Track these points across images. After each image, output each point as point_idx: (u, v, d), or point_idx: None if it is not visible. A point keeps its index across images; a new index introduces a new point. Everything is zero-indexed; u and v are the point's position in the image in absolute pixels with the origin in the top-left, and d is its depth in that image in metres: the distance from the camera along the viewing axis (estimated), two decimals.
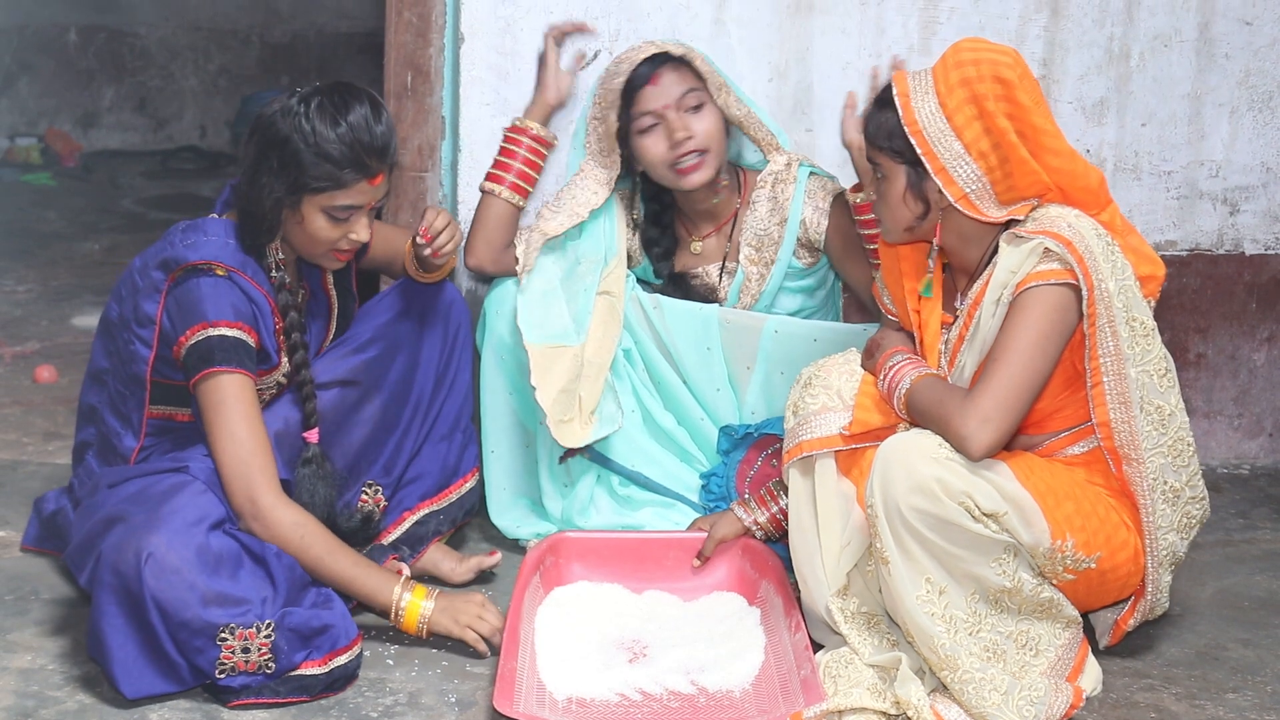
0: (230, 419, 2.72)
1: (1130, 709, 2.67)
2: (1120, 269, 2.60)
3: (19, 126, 7.59)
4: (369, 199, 2.81)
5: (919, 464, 2.48)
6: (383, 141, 2.78)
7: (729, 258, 3.28)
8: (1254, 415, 3.90)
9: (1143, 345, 2.61)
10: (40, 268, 5.50)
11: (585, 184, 3.24)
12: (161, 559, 2.51)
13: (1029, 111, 2.61)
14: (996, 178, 2.61)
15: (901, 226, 2.71)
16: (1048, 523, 2.54)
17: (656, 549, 3.07)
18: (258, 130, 2.79)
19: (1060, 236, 2.57)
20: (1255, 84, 3.73)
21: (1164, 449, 2.64)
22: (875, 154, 2.70)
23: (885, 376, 2.70)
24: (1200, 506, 2.73)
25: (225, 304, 2.75)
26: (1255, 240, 3.82)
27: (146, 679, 2.54)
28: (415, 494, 3.13)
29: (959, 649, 2.52)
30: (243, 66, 7.98)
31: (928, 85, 2.63)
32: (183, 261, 2.77)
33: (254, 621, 2.55)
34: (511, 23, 3.46)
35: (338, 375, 3.01)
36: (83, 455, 2.98)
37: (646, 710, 2.61)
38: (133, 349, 2.83)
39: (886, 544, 2.52)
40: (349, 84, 2.82)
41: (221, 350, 2.73)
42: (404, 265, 3.10)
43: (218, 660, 2.54)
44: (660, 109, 3.12)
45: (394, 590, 2.74)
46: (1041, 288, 2.57)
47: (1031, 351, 2.55)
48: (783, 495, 3.00)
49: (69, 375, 4.21)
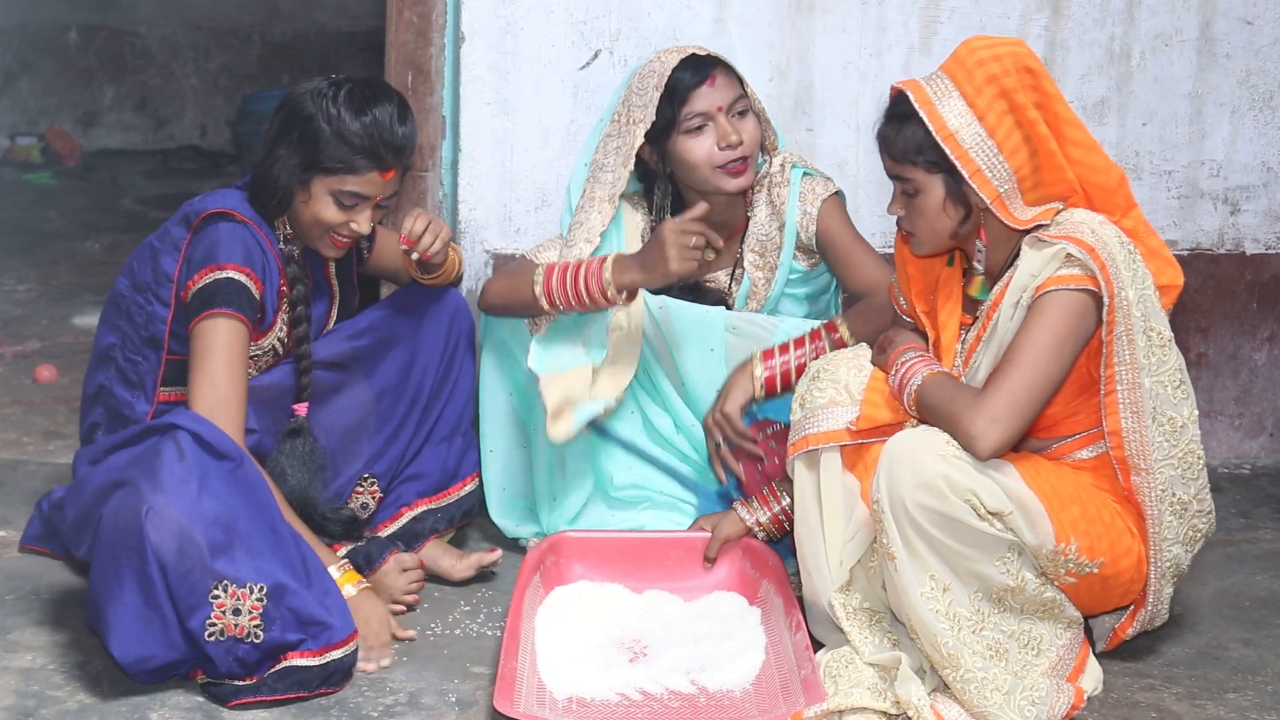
0: (214, 364, 2.75)
1: (1131, 709, 2.67)
2: (1141, 278, 2.59)
3: (19, 125, 7.59)
4: (378, 192, 2.86)
5: (926, 461, 2.48)
6: (402, 140, 2.84)
7: (737, 264, 3.27)
8: (1255, 415, 3.90)
9: (1159, 356, 2.60)
10: (41, 267, 5.50)
11: (590, 207, 3.17)
12: (162, 512, 2.51)
13: (1055, 100, 2.60)
14: (1025, 174, 2.59)
15: (945, 235, 2.67)
16: (1053, 525, 2.54)
17: (657, 549, 3.07)
18: (285, 105, 2.87)
19: (1083, 242, 2.56)
20: (1256, 83, 3.73)
21: (1174, 460, 2.63)
22: (904, 170, 2.65)
23: (896, 373, 2.69)
24: (1206, 521, 2.72)
25: (238, 248, 2.81)
26: (1256, 240, 3.82)
27: (140, 642, 2.51)
28: (414, 491, 3.14)
29: (962, 647, 2.51)
30: (244, 65, 7.98)
31: (948, 87, 2.60)
32: (203, 210, 2.85)
33: (247, 580, 2.54)
34: (512, 22, 3.46)
35: (327, 356, 3.03)
36: (92, 437, 2.98)
37: (647, 710, 2.61)
38: (150, 310, 2.88)
39: (892, 540, 2.51)
40: (384, 82, 2.91)
41: (225, 293, 2.78)
42: (408, 273, 3.13)
43: (208, 620, 2.52)
44: (713, 110, 3.09)
45: (328, 568, 2.74)
46: (1061, 292, 2.55)
47: (1046, 355, 2.54)
48: (785, 495, 2.99)
49: (69, 374, 4.21)
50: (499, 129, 3.50)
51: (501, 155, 3.51)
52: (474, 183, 3.51)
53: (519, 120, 3.50)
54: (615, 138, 3.15)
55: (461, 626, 2.91)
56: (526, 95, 3.48)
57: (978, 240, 2.68)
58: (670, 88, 3.09)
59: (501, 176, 3.52)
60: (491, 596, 3.04)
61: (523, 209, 3.54)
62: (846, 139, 3.59)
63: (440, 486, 3.17)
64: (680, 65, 3.10)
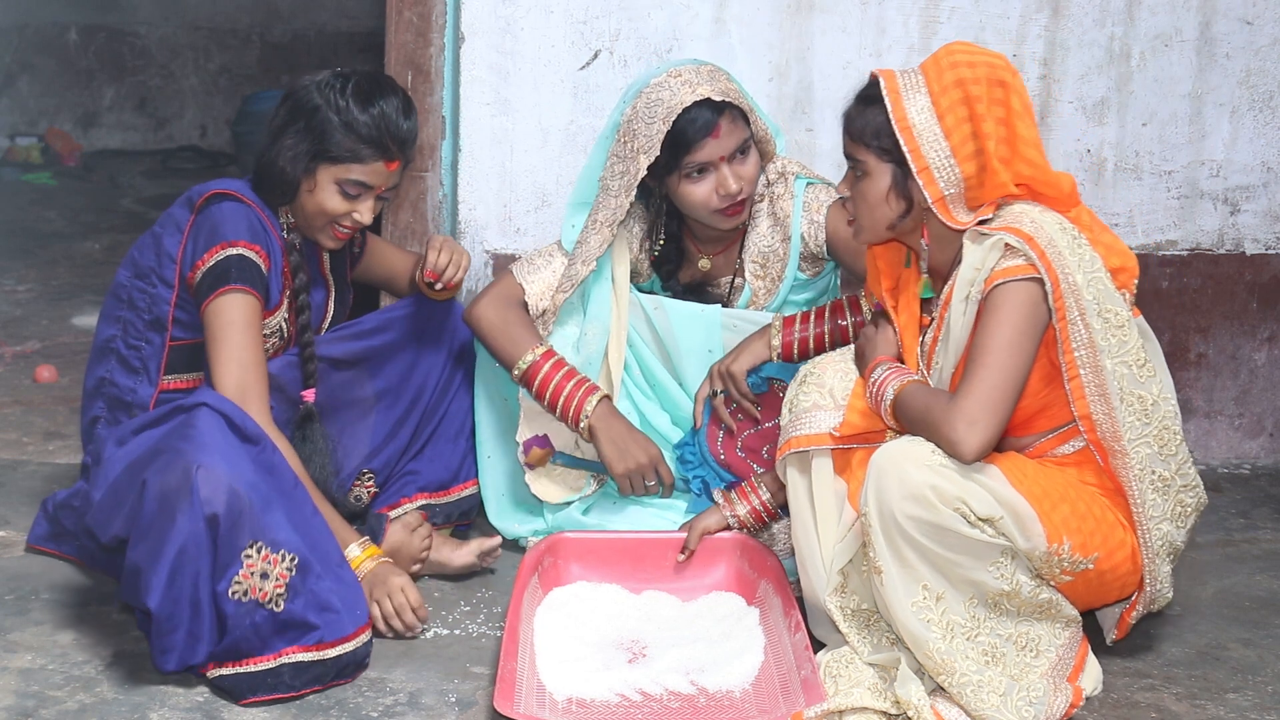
0: (234, 339, 2.78)
1: (1131, 709, 2.67)
2: (1088, 261, 2.59)
3: (19, 126, 7.59)
4: (381, 182, 2.91)
5: (912, 471, 2.48)
6: (407, 133, 2.90)
7: (737, 274, 3.26)
8: (1254, 415, 3.90)
9: (1118, 337, 2.60)
10: (40, 267, 5.50)
11: (593, 230, 3.14)
12: (213, 468, 2.52)
13: (1018, 117, 2.61)
14: (971, 183, 2.61)
15: (882, 226, 2.70)
16: (1043, 526, 2.54)
17: (655, 549, 3.07)
18: (291, 96, 2.92)
19: (1021, 232, 2.57)
20: (1256, 84, 3.73)
21: (1149, 439, 2.63)
22: (858, 151, 2.68)
23: (871, 390, 2.70)
24: (1194, 494, 2.72)
25: (243, 225, 2.85)
26: (1256, 240, 3.82)
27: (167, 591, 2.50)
28: (415, 484, 3.19)
29: (955, 654, 2.51)
30: (243, 66, 7.98)
31: (919, 83, 2.62)
32: (206, 191, 2.89)
33: (281, 547, 2.56)
34: (512, 22, 3.46)
35: (336, 354, 3.07)
36: (93, 431, 2.99)
37: (646, 711, 2.61)
38: (154, 292, 2.91)
39: (880, 553, 2.51)
40: (388, 76, 2.97)
41: (238, 269, 2.82)
42: (406, 285, 3.20)
43: (235, 578, 2.53)
44: (715, 160, 3.05)
45: (349, 545, 2.79)
46: (1009, 284, 2.56)
47: (1008, 349, 2.55)
48: (764, 488, 3.01)
49: (69, 375, 4.21)
50: (499, 129, 3.50)
51: (501, 155, 3.51)
52: (474, 183, 3.52)
53: (519, 120, 3.50)
54: (620, 161, 3.10)
55: (461, 627, 2.91)
56: (526, 95, 3.48)
57: (921, 240, 2.69)
58: (676, 130, 3.02)
59: (501, 176, 3.52)
60: (491, 597, 3.04)
61: (522, 209, 3.55)
62: None
63: (443, 485, 3.22)
64: (689, 108, 3.01)
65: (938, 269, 2.73)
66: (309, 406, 2.98)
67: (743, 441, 3.15)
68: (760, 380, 3.11)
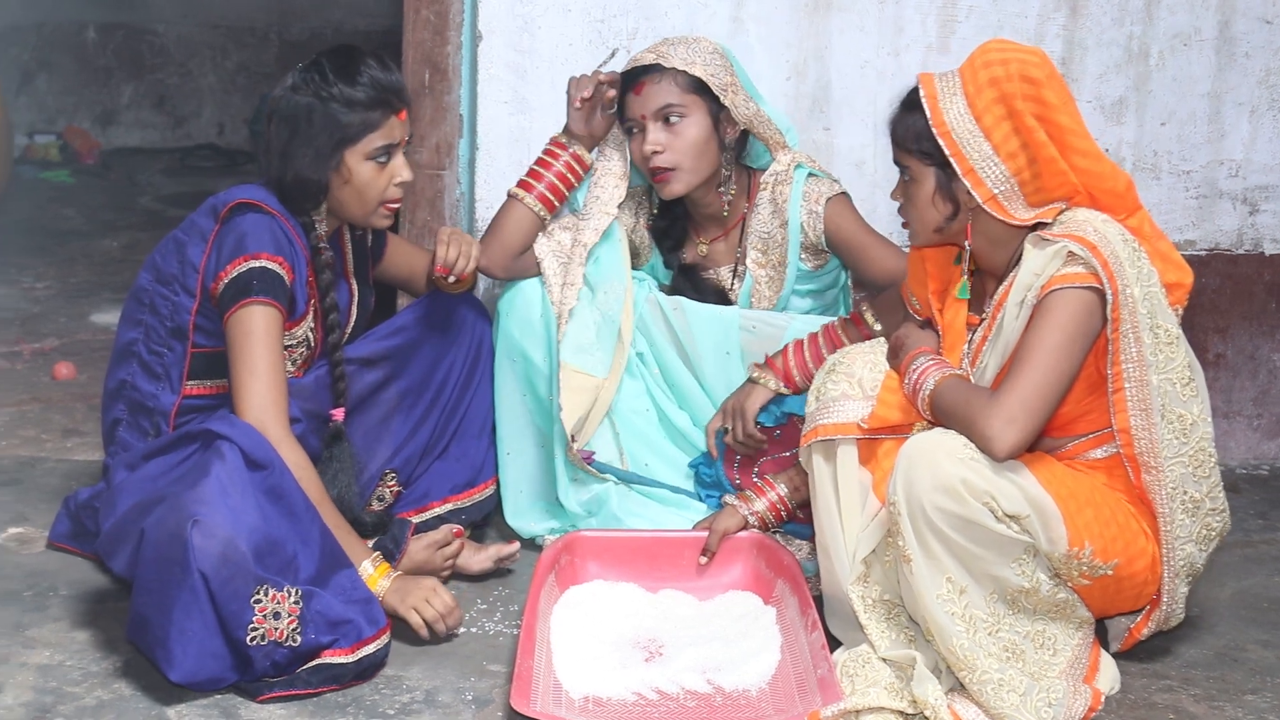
0: (255, 352, 2.79)
1: (1149, 710, 2.66)
2: (1146, 275, 2.59)
3: (38, 124, 7.61)
4: (402, 134, 2.92)
5: (944, 463, 2.48)
6: (399, 82, 2.93)
7: (739, 261, 3.27)
8: (1273, 416, 3.89)
9: (1166, 353, 2.60)
10: (59, 265, 5.51)
11: (606, 181, 3.24)
12: (207, 522, 2.52)
13: (1056, 110, 2.60)
14: (1025, 179, 2.61)
15: (930, 228, 2.71)
16: (1066, 529, 2.53)
17: (671, 548, 3.07)
18: (276, 113, 2.89)
19: (1085, 240, 2.56)
20: (1275, 83, 3.72)
21: (1185, 459, 2.63)
22: (903, 156, 2.70)
23: (910, 378, 2.70)
24: (1221, 519, 2.72)
25: (267, 237, 2.84)
26: (1275, 240, 3.81)
27: (191, 659, 2.52)
28: (445, 487, 3.20)
29: (978, 649, 2.51)
30: (261, 64, 7.99)
31: (955, 86, 2.63)
32: (231, 200, 2.88)
33: (284, 584, 2.57)
34: (529, 21, 3.46)
35: (360, 354, 3.09)
36: (114, 433, 3.00)
37: (663, 709, 2.61)
38: (176, 300, 2.91)
39: (909, 542, 2.52)
40: (345, 45, 2.95)
41: (260, 281, 2.82)
42: (424, 283, 3.21)
43: (250, 625, 2.53)
44: (638, 118, 3.14)
45: (362, 562, 2.78)
46: (1066, 290, 2.56)
47: (1056, 354, 2.55)
48: (781, 484, 3.00)
49: (87, 372, 4.22)
50: (516, 127, 3.50)
51: (519, 154, 3.51)
52: (491, 181, 3.52)
53: (536, 119, 3.50)
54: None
55: (478, 625, 2.91)
56: (544, 94, 3.48)
57: (964, 243, 2.70)
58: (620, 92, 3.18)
59: (519, 175, 3.51)
60: (508, 595, 3.05)
61: None
62: (864, 138, 3.59)
63: (467, 484, 3.22)
64: (634, 68, 3.16)
65: (992, 270, 2.73)
66: (338, 425, 2.98)
67: (759, 468, 3.16)
68: (781, 414, 3.12)
